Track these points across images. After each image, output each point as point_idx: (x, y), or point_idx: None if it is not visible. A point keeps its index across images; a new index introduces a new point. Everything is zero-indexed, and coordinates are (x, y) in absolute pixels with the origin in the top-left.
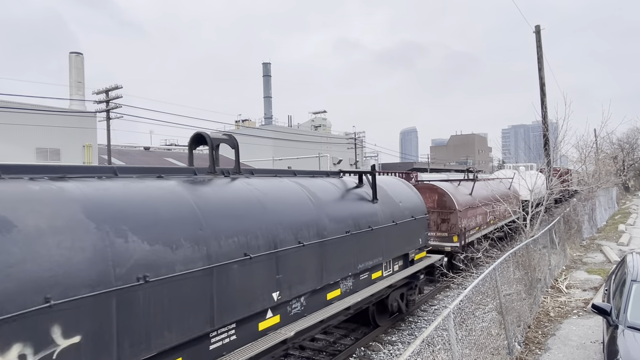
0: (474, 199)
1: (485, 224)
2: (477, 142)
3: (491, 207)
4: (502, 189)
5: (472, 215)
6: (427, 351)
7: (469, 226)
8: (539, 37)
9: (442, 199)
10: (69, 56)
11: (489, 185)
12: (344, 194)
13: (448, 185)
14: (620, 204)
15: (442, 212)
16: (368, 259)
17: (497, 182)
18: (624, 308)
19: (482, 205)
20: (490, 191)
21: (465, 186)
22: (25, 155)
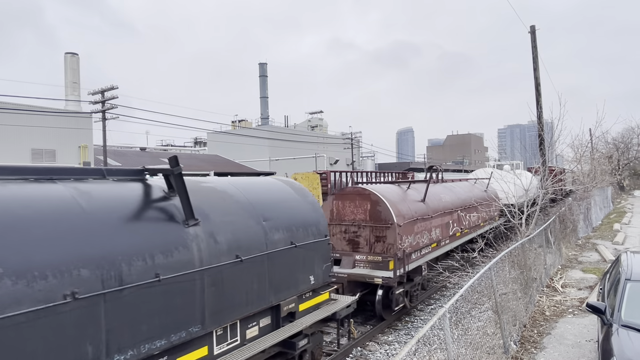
0: (428, 208)
1: (448, 237)
2: (474, 142)
3: (457, 215)
4: (476, 192)
5: (422, 229)
6: (423, 350)
7: (418, 245)
8: (534, 37)
9: (376, 209)
10: (64, 57)
11: (458, 188)
12: (129, 215)
13: (388, 190)
14: (616, 203)
15: (376, 226)
16: (152, 337)
17: (470, 183)
18: (618, 307)
19: (442, 215)
20: (456, 196)
21: (418, 190)
22: (20, 157)
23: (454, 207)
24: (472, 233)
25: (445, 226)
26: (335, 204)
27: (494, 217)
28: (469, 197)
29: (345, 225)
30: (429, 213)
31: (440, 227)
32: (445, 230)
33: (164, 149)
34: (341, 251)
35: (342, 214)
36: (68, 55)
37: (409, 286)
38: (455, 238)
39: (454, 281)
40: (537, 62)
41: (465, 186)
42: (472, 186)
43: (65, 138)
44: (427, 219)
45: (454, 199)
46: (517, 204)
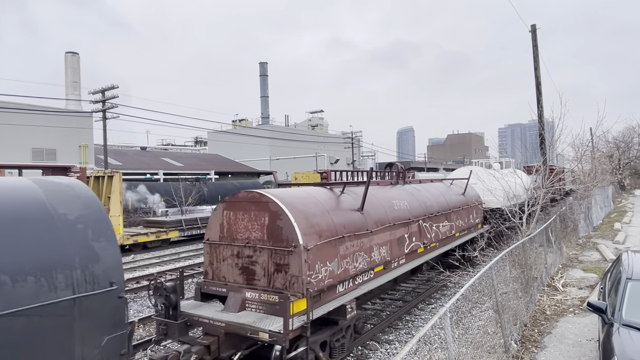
0: (366, 219)
1: (403, 256)
2: (474, 141)
3: (417, 226)
4: (451, 196)
5: (356, 249)
6: (423, 350)
7: (347, 273)
8: (535, 37)
9: (276, 224)
10: (64, 56)
11: (424, 192)
12: None
13: (303, 196)
14: (616, 203)
15: (276, 250)
16: None
17: (445, 185)
18: (619, 306)
19: (392, 228)
20: (419, 202)
21: (357, 195)
22: (21, 156)
23: (412, 216)
24: (442, 247)
25: (397, 242)
26: (225, 215)
27: (475, 224)
28: (438, 203)
29: (237, 246)
30: (367, 226)
31: (388, 244)
32: (398, 248)
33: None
34: (231, 283)
35: (235, 230)
36: (68, 55)
37: (328, 334)
38: (416, 256)
39: (455, 280)
40: (537, 61)
41: (436, 189)
42: (447, 188)
43: (66, 137)
44: (364, 235)
45: (414, 205)
46: (506, 207)
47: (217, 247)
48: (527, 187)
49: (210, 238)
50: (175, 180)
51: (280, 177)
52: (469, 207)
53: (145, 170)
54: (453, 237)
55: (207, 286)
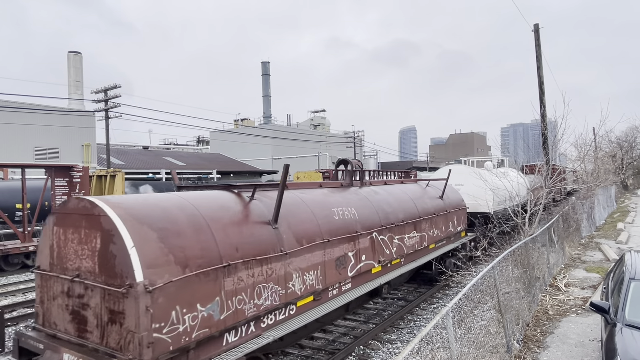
0: (278, 236)
1: (348, 280)
2: (476, 141)
3: (370, 240)
4: (425, 200)
5: (255, 282)
6: (425, 349)
7: (231, 320)
8: (538, 36)
9: (109, 250)
10: (67, 55)
11: (386, 195)
12: None
13: (173, 204)
14: (619, 202)
15: (109, 289)
16: None
17: (418, 187)
18: (622, 306)
19: (326, 245)
20: (375, 208)
21: (269, 202)
22: (24, 155)
23: (363, 227)
24: (409, 263)
25: (335, 263)
26: (55, 233)
27: (457, 233)
28: (404, 210)
29: (66, 280)
30: (281, 246)
31: (319, 266)
32: (337, 270)
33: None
34: (61, 334)
35: (64, 255)
36: (71, 54)
37: None
38: (369, 277)
39: (457, 280)
40: (540, 60)
41: (405, 192)
42: (422, 191)
43: (69, 136)
44: (276, 259)
45: (367, 214)
46: (494, 212)
47: (48, 279)
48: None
49: (41, 265)
50: None
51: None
52: (447, 213)
53: (147, 169)
54: (425, 250)
55: (25, 339)
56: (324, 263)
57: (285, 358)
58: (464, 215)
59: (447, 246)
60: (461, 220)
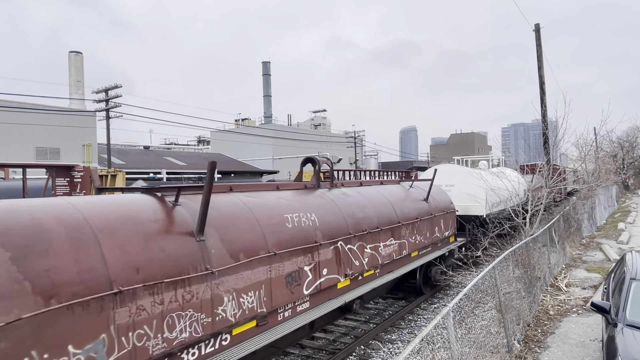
0: (204, 250)
1: (304, 299)
2: (477, 141)
3: (334, 251)
4: (407, 203)
5: (165, 311)
6: (426, 349)
7: None
8: (539, 36)
9: None
10: (68, 55)
11: (359, 198)
12: None
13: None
14: (620, 203)
15: None
16: None
17: (400, 189)
18: (623, 306)
19: (264, 261)
20: (348, 213)
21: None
22: (24, 155)
23: (325, 236)
24: (386, 274)
25: (285, 280)
26: None
27: (445, 238)
28: (379, 214)
29: None
30: (208, 262)
31: (262, 285)
32: (289, 289)
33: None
34: None
35: None
36: (72, 54)
37: None
38: (334, 293)
39: (458, 280)
40: (541, 60)
41: (384, 195)
42: (404, 193)
43: (69, 136)
44: (198, 280)
45: (331, 220)
46: (488, 215)
47: None
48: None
49: None
50: (178, 180)
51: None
52: (432, 217)
53: (148, 169)
54: (406, 259)
55: None
56: (270, 281)
57: (285, 358)
58: (452, 219)
59: (432, 254)
60: (449, 225)
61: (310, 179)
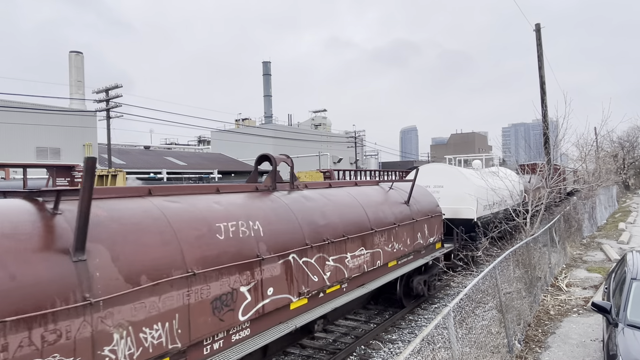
0: (82, 274)
1: (228, 330)
2: (478, 141)
3: (284, 264)
4: (384, 207)
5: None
6: (427, 349)
7: None
8: (539, 35)
9: None
10: (68, 55)
11: (325, 202)
12: None
13: None
14: (621, 203)
15: None
16: None
17: (379, 190)
18: (624, 306)
19: (180, 284)
20: (307, 220)
21: None
22: (25, 155)
23: (270, 249)
24: (356, 289)
25: (213, 305)
26: None
27: (430, 245)
28: (344, 221)
29: None
30: (86, 288)
31: (178, 313)
32: (218, 315)
33: (168, 148)
34: None
35: None
36: (72, 54)
37: None
38: (284, 316)
39: (458, 280)
40: (542, 60)
41: (356, 198)
42: (383, 196)
43: (70, 136)
44: (72, 312)
45: (282, 229)
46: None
47: None
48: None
49: None
50: (178, 180)
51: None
52: (414, 222)
53: (148, 169)
54: (382, 270)
55: None
56: (188, 307)
57: (286, 358)
58: (438, 224)
59: (414, 263)
60: (435, 230)
61: (309, 180)
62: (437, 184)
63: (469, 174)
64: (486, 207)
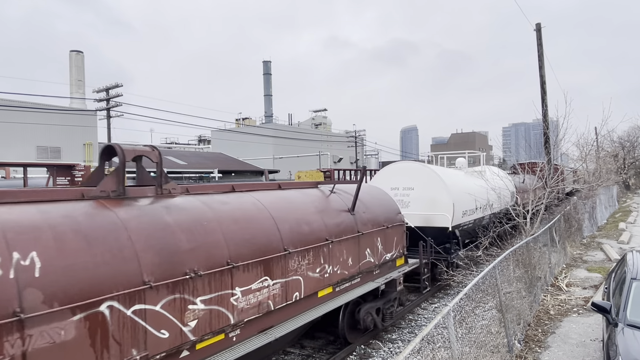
0: None
1: None
2: (478, 140)
3: (95, 318)
4: (314, 217)
5: None
6: (427, 349)
7: None
8: (540, 35)
9: None
10: (69, 54)
11: (204, 210)
12: None
13: None
14: (621, 202)
15: None
16: None
17: (312, 195)
18: (624, 306)
19: None
20: (155, 242)
21: None
22: (25, 154)
23: (72, 296)
24: (251, 339)
25: None
26: None
27: (385, 263)
28: (240, 240)
29: None
30: None
31: None
32: None
33: (168, 147)
34: None
35: None
36: (73, 53)
37: None
38: None
39: (458, 279)
40: (542, 60)
41: (267, 207)
42: (318, 202)
43: (70, 135)
44: None
45: (105, 261)
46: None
47: None
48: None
49: None
50: (179, 179)
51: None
52: (360, 236)
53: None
54: (309, 302)
55: None
56: None
57: (286, 357)
58: (399, 235)
59: (359, 288)
60: (394, 243)
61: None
62: (406, 185)
63: (447, 174)
64: (466, 213)
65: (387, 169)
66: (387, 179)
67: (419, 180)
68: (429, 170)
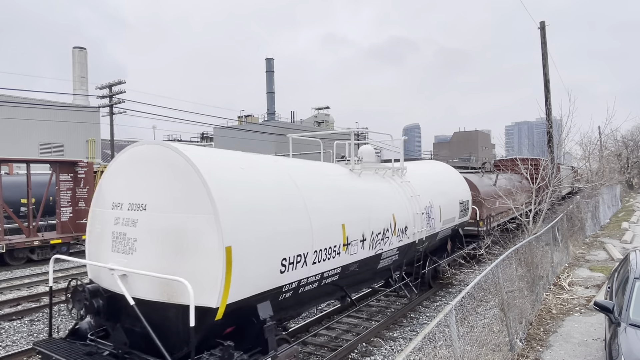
0: None
1: None
2: (481, 139)
3: None
4: None
5: None
6: (428, 347)
7: None
8: (544, 34)
9: None
10: (72, 51)
11: None
12: None
13: None
14: (624, 202)
15: None
16: None
17: None
18: (627, 306)
19: None
20: None
21: None
22: (28, 150)
23: None
24: None
25: None
26: None
27: None
28: None
29: None
30: None
31: None
32: None
33: None
34: None
35: None
36: (76, 50)
37: None
38: None
39: (460, 278)
40: (546, 58)
41: None
42: None
43: (73, 132)
44: None
45: None
46: (230, 312)
47: None
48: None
49: None
50: None
51: None
52: None
53: None
54: None
55: None
56: None
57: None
58: None
59: None
60: None
61: None
62: (135, 200)
63: (251, 168)
64: (294, 262)
65: (115, 163)
66: (114, 186)
67: (158, 184)
68: (178, 161)
